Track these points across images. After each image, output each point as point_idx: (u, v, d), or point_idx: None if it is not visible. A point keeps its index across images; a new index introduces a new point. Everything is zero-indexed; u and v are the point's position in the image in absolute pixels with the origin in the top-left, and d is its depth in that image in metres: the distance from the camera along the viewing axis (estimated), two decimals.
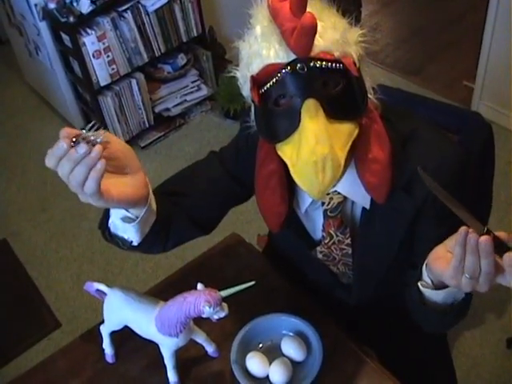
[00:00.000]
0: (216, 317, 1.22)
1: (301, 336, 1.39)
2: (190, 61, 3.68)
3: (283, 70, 1.05)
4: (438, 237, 1.18)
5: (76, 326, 2.70)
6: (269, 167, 1.23)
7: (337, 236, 1.35)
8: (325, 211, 1.33)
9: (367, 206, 1.27)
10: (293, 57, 1.04)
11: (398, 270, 1.33)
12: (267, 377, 1.34)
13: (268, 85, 1.08)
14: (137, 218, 1.19)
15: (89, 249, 3.12)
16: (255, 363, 1.35)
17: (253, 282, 1.24)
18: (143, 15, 3.29)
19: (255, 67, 1.09)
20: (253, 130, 1.19)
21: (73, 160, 1.04)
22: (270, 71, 1.07)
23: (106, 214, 1.31)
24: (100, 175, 1.02)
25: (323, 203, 1.31)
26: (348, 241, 1.36)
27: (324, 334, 1.37)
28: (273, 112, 1.09)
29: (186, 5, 3.44)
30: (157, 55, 3.47)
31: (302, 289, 1.56)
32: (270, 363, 1.34)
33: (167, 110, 3.68)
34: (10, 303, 2.94)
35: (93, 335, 1.48)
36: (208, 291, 1.21)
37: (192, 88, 3.73)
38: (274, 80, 1.06)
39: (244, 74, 1.13)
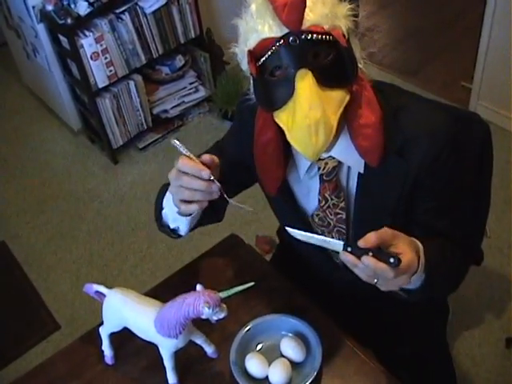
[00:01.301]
0: (215, 318, 1.22)
1: (300, 337, 1.40)
2: (187, 62, 3.68)
3: (277, 43, 1.13)
4: (432, 209, 1.31)
5: (75, 328, 2.70)
6: (266, 135, 1.32)
7: (331, 199, 1.40)
8: (321, 175, 1.38)
9: (361, 171, 1.32)
10: (285, 31, 1.12)
11: None
12: (266, 377, 1.34)
13: (264, 57, 1.16)
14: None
15: (88, 250, 3.13)
16: (254, 364, 1.35)
17: (252, 283, 1.24)
18: (141, 17, 3.29)
19: (252, 42, 1.17)
20: (252, 101, 1.28)
21: (202, 188, 1.19)
22: (265, 45, 1.15)
23: (158, 206, 1.43)
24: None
25: (319, 168, 1.36)
26: (342, 204, 1.40)
27: (323, 335, 1.38)
28: (269, 82, 1.18)
29: (183, 6, 3.44)
30: (155, 57, 3.47)
31: (304, 289, 1.56)
32: (270, 364, 1.35)
33: (165, 111, 3.69)
34: (9, 305, 2.93)
35: (92, 337, 1.48)
36: (207, 292, 1.21)
37: (190, 89, 3.74)
38: (270, 53, 1.15)
39: (242, 49, 1.21)
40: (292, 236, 1.17)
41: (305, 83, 1.12)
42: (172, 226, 1.39)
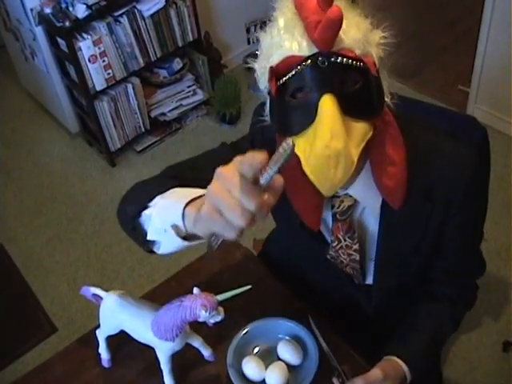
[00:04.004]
0: (212, 321, 1.22)
1: (297, 340, 1.40)
2: (185, 65, 3.69)
3: (303, 63, 1.04)
4: (461, 244, 1.30)
5: (72, 331, 2.70)
6: (293, 160, 1.20)
7: (345, 241, 1.36)
8: (334, 214, 1.33)
9: (377, 212, 1.28)
10: (314, 50, 1.04)
11: (413, 278, 1.39)
12: (263, 381, 1.34)
13: (287, 77, 1.07)
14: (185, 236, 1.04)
15: (85, 253, 3.12)
16: (251, 367, 1.35)
17: (249, 287, 1.24)
18: (139, 20, 3.29)
19: (275, 58, 1.08)
20: (266, 123, 1.18)
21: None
22: (290, 63, 1.06)
23: (136, 200, 1.19)
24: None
25: (333, 206, 1.32)
26: (356, 246, 1.36)
27: (323, 336, 1.38)
28: (289, 105, 1.09)
29: (181, 9, 3.44)
30: (153, 60, 3.47)
31: (299, 292, 1.56)
32: (266, 367, 1.35)
33: (163, 114, 3.69)
34: (6, 308, 2.93)
35: (89, 340, 1.48)
36: (204, 295, 1.21)
37: (188, 93, 3.74)
38: (294, 72, 1.06)
39: (263, 65, 1.12)
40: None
41: (329, 110, 1.02)
42: (150, 237, 1.12)
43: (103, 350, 1.43)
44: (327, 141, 1.01)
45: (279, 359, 1.38)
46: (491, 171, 1.62)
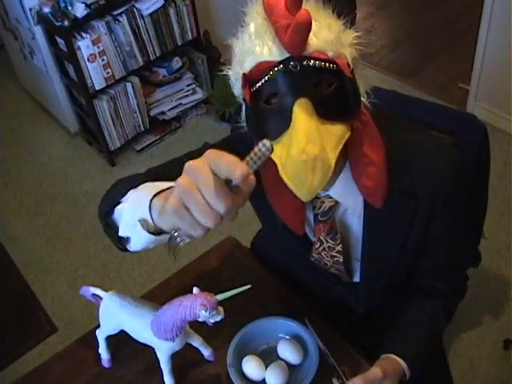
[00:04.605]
0: (212, 320, 1.21)
1: (297, 339, 1.39)
2: (185, 64, 3.68)
3: (276, 68, 1.03)
4: (448, 242, 1.29)
5: (72, 331, 2.70)
6: (272, 164, 1.14)
7: (327, 242, 1.34)
8: (315, 215, 1.32)
9: (360, 212, 1.27)
10: (286, 55, 1.03)
11: (401, 276, 1.38)
12: (263, 380, 1.33)
13: (260, 83, 1.06)
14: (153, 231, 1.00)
15: (85, 253, 3.12)
16: (251, 367, 1.34)
17: (249, 286, 1.24)
18: (138, 19, 3.29)
19: (247, 65, 1.07)
20: (243, 130, 1.16)
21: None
22: (262, 69, 1.05)
23: (111, 197, 1.16)
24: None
25: (314, 207, 1.31)
26: (339, 248, 1.35)
27: (320, 337, 1.37)
28: (264, 111, 1.07)
29: (180, 8, 3.44)
30: (152, 59, 3.47)
31: (296, 291, 1.56)
32: (267, 367, 1.34)
33: (162, 113, 3.68)
34: (6, 308, 2.92)
35: (89, 340, 1.47)
36: (204, 295, 1.21)
37: (187, 91, 3.74)
38: (266, 78, 1.05)
39: (236, 72, 1.11)
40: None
41: (303, 114, 1.01)
42: (121, 234, 1.08)
43: (103, 350, 1.43)
44: (303, 145, 1.00)
45: (279, 358, 1.37)
46: (491, 169, 1.62)
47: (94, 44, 3.16)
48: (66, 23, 3.07)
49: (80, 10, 3.08)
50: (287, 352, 1.37)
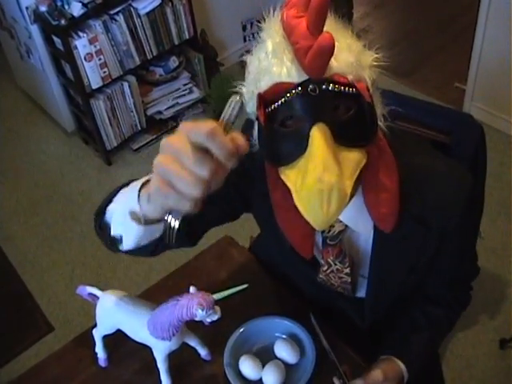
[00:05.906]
0: (209, 320, 1.22)
1: (294, 339, 1.39)
2: (181, 63, 3.68)
3: (293, 91, 0.98)
4: (457, 258, 1.33)
5: (69, 330, 2.70)
6: (283, 188, 1.09)
7: (335, 265, 1.32)
8: (324, 238, 1.29)
9: (370, 236, 1.25)
10: (304, 77, 0.97)
11: (408, 291, 1.39)
12: (260, 380, 1.34)
13: (276, 104, 1.01)
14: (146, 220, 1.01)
15: (81, 252, 3.12)
16: (248, 366, 1.34)
17: (246, 285, 1.24)
18: (135, 18, 3.28)
19: (263, 84, 1.01)
20: (255, 148, 1.08)
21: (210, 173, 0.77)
22: (279, 90, 1.00)
23: (105, 199, 1.18)
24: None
25: (323, 231, 1.27)
26: (347, 270, 1.33)
27: (317, 337, 1.38)
28: (278, 133, 1.02)
29: (177, 7, 3.44)
30: (149, 58, 3.47)
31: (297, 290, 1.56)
32: (263, 366, 1.34)
33: (159, 112, 3.68)
34: (3, 307, 2.92)
35: (85, 339, 1.47)
36: (201, 294, 1.21)
37: (184, 91, 3.73)
38: (283, 100, 0.99)
39: (250, 90, 1.05)
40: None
41: (321, 140, 0.95)
42: (114, 232, 1.09)
43: (100, 350, 1.43)
44: (319, 174, 0.95)
45: (276, 358, 1.37)
46: (487, 169, 1.62)
47: (90, 43, 3.16)
48: (63, 22, 3.06)
49: (77, 9, 3.07)
50: (284, 351, 1.37)
